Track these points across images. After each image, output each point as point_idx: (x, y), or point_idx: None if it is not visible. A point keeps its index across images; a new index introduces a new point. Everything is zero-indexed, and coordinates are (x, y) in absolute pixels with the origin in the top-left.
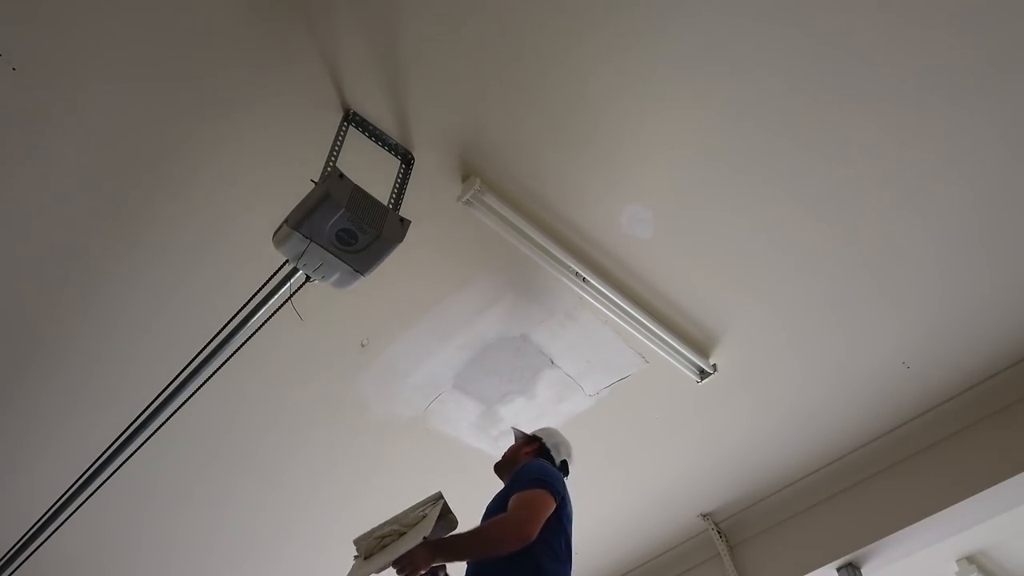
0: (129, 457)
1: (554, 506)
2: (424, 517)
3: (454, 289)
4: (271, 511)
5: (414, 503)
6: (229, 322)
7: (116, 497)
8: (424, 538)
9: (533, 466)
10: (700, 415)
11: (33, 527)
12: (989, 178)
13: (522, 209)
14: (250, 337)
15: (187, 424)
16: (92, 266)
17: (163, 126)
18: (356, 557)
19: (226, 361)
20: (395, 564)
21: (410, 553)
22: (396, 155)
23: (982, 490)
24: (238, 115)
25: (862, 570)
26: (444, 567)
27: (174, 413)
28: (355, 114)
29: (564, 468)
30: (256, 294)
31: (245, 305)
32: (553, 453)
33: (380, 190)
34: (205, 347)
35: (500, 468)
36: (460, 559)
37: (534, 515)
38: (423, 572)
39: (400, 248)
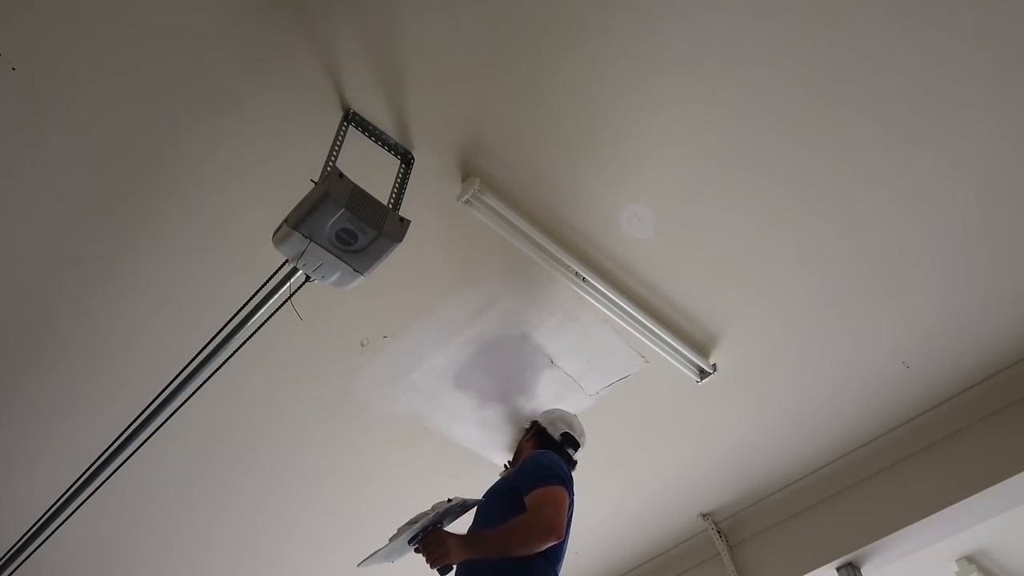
0: (129, 457)
1: (569, 500)
2: (425, 513)
3: (454, 289)
4: (271, 511)
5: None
6: (229, 322)
7: (116, 497)
8: (440, 525)
9: (543, 459)
10: (700, 415)
11: (33, 527)
12: (991, 177)
13: (522, 209)
14: (250, 337)
15: (187, 424)
16: (91, 265)
17: (161, 125)
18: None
19: (226, 361)
20: (425, 550)
21: (443, 543)
22: (396, 155)
23: (982, 490)
24: (237, 115)
25: (862, 570)
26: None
27: (174, 413)
28: (355, 114)
29: (568, 441)
30: (256, 294)
31: (244, 305)
32: (551, 430)
33: (380, 190)
34: (205, 347)
35: (512, 464)
36: (489, 555)
37: (560, 513)
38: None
39: (400, 248)
